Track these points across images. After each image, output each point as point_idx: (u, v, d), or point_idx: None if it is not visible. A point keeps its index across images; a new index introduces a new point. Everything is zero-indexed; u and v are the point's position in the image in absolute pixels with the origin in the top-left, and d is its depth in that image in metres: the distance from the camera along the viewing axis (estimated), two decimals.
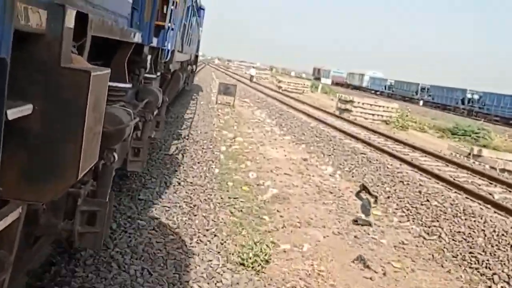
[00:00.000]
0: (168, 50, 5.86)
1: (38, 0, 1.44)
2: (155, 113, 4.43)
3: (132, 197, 5.21)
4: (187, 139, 9.52)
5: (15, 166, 1.50)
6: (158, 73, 5.47)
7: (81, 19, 1.76)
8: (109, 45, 2.75)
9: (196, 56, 18.91)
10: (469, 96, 43.74)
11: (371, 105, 20.23)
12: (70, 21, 1.60)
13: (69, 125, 1.56)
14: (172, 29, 6.01)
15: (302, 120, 15.89)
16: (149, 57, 4.13)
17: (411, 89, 55.05)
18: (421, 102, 49.90)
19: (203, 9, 17.13)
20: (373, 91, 62.35)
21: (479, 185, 9.29)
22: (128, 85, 3.17)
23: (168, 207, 5.14)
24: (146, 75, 4.26)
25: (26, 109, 1.46)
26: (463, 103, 43.97)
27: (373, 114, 20.11)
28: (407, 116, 21.62)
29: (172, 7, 5.46)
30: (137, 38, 3.22)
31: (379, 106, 20.26)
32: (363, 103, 20.07)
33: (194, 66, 18.45)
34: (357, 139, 13.05)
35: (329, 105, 26.42)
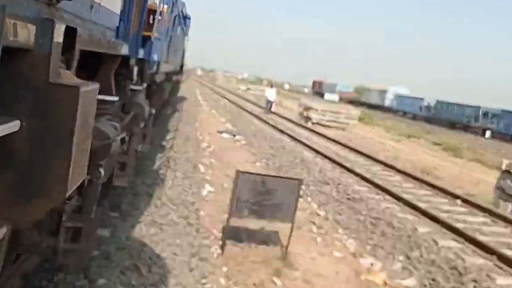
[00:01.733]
0: (155, 61, 5.83)
1: (27, 15, 1.40)
2: (141, 126, 4.38)
3: None
4: None
5: (0, 185, 1.45)
6: (144, 85, 5.43)
7: (70, 32, 1.72)
8: (95, 57, 2.71)
9: (181, 66, 18.86)
10: None
11: None
12: (59, 35, 1.57)
13: (57, 142, 1.52)
14: (159, 40, 5.99)
15: None
16: (135, 68, 4.10)
17: (466, 113, 37.61)
18: (487, 133, 33.97)
19: (189, 18, 17.08)
20: (400, 113, 47.05)
21: None
22: (115, 98, 3.13)
23: None
24: (133, 87, 4.22)
25: (13, 126, 1.42)
26: None
27: None
28: None
29: (159, 17, 5.44)
30: (124, 50, 3.19)
31: None
32: None
33: (179, 76, 18.40)
34: None
35: (430, 166, 13.54)
